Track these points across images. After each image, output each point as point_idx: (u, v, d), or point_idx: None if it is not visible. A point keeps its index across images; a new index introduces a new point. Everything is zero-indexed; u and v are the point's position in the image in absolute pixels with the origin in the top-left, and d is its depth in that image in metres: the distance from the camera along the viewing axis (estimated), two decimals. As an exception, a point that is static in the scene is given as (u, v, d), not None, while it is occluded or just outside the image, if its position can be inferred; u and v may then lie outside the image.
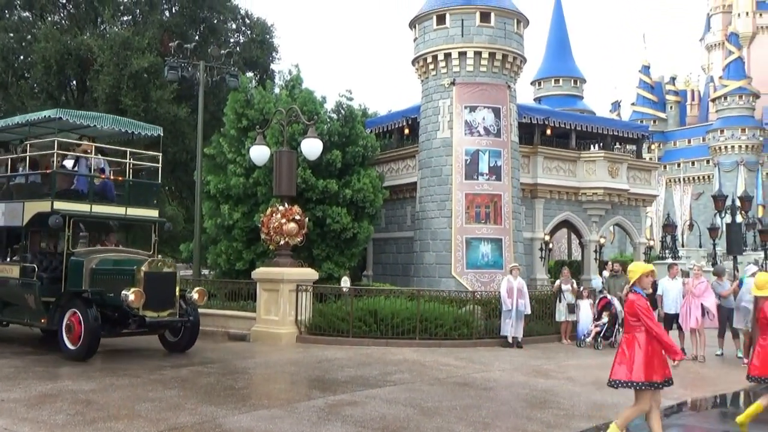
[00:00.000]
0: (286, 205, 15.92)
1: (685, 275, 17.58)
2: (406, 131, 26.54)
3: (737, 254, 27.40)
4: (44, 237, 14.59)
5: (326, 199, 19.79)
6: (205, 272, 23.31)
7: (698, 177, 75.57)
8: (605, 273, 21.28)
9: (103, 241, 14.28)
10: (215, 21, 30.77)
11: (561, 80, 50.95)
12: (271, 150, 16.96)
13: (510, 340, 15.92)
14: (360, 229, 20.45)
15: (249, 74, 27.98)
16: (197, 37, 29.52)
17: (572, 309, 17.19)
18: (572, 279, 18.32)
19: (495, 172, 21.67)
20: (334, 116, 21.69)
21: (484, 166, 21.67)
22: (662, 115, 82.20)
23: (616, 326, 16.71)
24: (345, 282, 17.84)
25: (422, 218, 22.48)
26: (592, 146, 29.69)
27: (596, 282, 20.78)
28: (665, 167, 73.07)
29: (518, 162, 23.19)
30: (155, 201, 15.51)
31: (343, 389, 10.09)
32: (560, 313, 17.31)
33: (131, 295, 11.76)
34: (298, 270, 16.00)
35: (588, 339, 16.62)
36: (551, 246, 27.02)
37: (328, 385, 10.43)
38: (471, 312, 16.46)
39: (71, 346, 12.03)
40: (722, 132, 72.74)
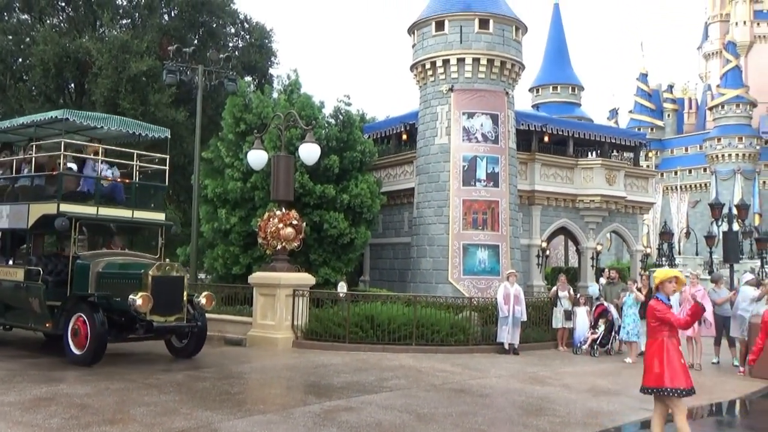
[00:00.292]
0: (284, 210, 15.91)
1: (682, 283, 17.55)
2: (404, 137, 26.55)
3: (734, 262, 27.36)
4: (49, 239, 14.42)
5: (323, 204, 19.79)
6: (202, 276, 23.28)
7: (695, 185, 75.67)
8: (602, 280, 21.26)
9: (109, 244, 14.07)
10: (214, 25, 30.80)
11: (559, 87, 50.97)
12: (269, 154, 16.96)
13: (506, 347, 15.92)
14: (357, 235, 20.43)
15: (247, 79, 27.97)
16: (196, 41, 29.54)
17: (569, 316, 17.20)
18: (569, 286, 18.33)
19: (492, 179, 21.68)
20: (332, 121, 21.70)
21: (482, 173, 21.68)
22: (660, 123, 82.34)
23: (613, 333, 16.74)
24: (341, 287, 17.82)
25: (419, 224, 22.48)
26: (590, 153, 29.73)
27: (593, 289, 20.75)
28: (662, 175, 73.21)
29: (516, 169, 23.21)
30: (162, 204, 15.37)
31: (339, 395, 10.08)
32: (557, 320, 17.31)
33: (139, 300, 11.56)
34: (295, 275, 15.99)
35: (584, 346, 16.63)
36: (548, 253, 27.01)
37: (324, 391, 10.41)
38: (467, 318, 16.46)
39: (77, 351, 11.84)
40: (719, 140, 72.86)
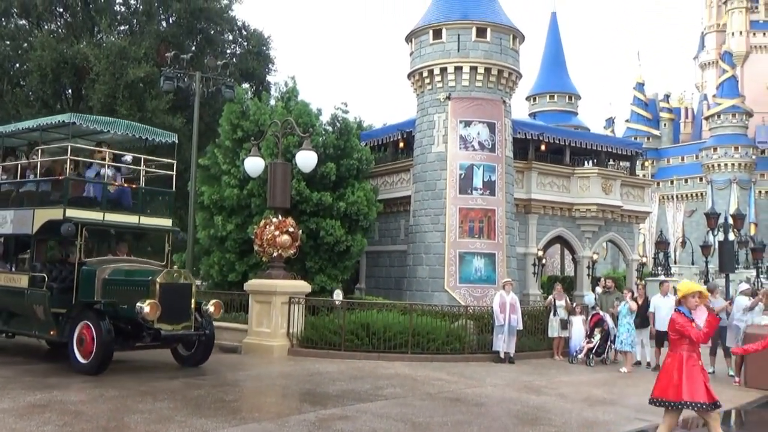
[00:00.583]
0: (280, 217, 15.91)
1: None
2: (401, 145, 26.57)
3: (729, 272, 27.41)
4: (54, 245, 14.16)
5: (320, 212, 19.79)
6: (198, 283, 23.22)
7: (691, 194, 75.84)
8: (598, 289, 21.30)
9: (114, 251, 13.74)
10: (212, 32, 30.83)
11: (556, 96, 51.07)
12: (266, 162, 16.97)
13: (502, 356, 15.91)
14: (353, 242, 20.43)
15: (245, 85, 28.01)
16: (194, 48, 29.55)
17: (565, 325, 17.20)
18: (565, 295, 18.34)
19: (489, 187, 21.71)
20: (330, 129, 21.73)
21: (479, 181, 21.71)
22: (656, 132, 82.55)
23: (608, 343, 16.74)
24: (337, 295, 17.81)
25: (416, 232, 22.48)
26: (586, 162, 29.75)
27: (589, 298, 20.79)
28: (658, 184, 73.34)
29: (512, 177, 23.23)
30: (169, 209, 15.07)
31: (335, 403, 10.05)
32: (552, 329, 17.31)
33: (146, 307, 11.30)
34: (291, 282, 15.97)
35: (580, 355, 16.63)
36: (544, 261, 27.01)
37: (319, 399, 10.39)
38: (463, 327, 16.45)
39: (82, 360, 11.58)
40: (715, 150, 73.08)
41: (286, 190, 16.36)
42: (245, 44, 32.23)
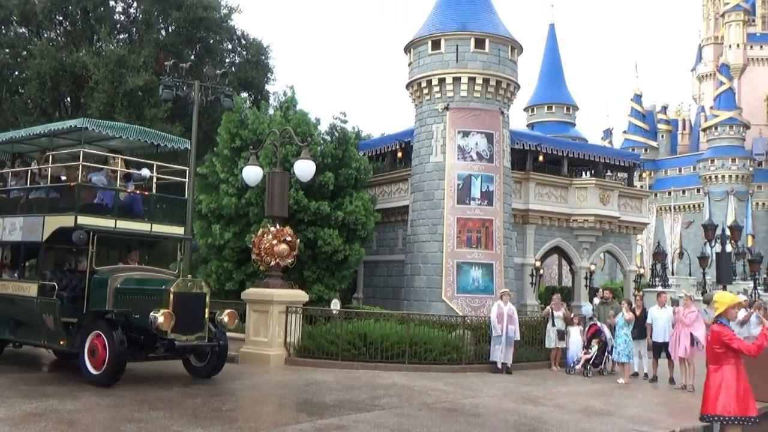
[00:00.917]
0: (278, 226, 15.89)
1: (675, 303, 17.62)
2: (399, 155, 26.60)
3: (727, 283, 27.46)
4: (65, 253, 13.85)
5: (318, 221, 19.79)
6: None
7: (689, 206, 75.93)
8: (595, 300, 21.28)
9: (126, 259, 13.38)
10: (211, 41, 30.94)
11: (554, 107, 51.24)
12: (264, 171, 16.96)
13: (499, 366, 15.87)
14: (351, 252, 20.42)
15: (244, 95, 28.10)
16: (193, 57, 29.64)
17: (562, 336, 17.17)
18: (563, 305, 18.31)
19: (487, 197, 21.73)
20: (328, 138, 21.76)
21: (476, 191, 21.74)
22: (653, 144, 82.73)
23: (606, 354, 16.71)
24: (335, 304, 17.77)
25: (413, 242, 22.48)
26: (584, 173, 29.80)
27: (586, 309, 20.76)
28: (656, 195, 73.40)
29: (510, 187, 23.26)
30: (181, 217, 14.75)
31: (331, 413, 10.02)
32: (550, 340, 17.28)
33: (160, 317, 10.99)
34: (289, 291, 15.93)
35: (578, 366, 16.59)
36: (542, 272, 27.02)
37: (316, 409, 10.35)
38: (461, 337, 16.42)
39: (94, 371, 11.26)
40: (713, 162, 73.24)
41: (284, 199, 16.35)
42: (244, 53, 32.34)
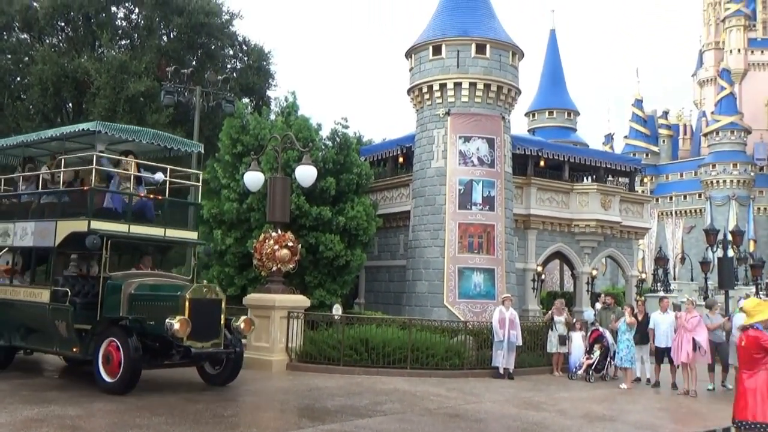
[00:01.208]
0: (279, 232, 15.89)
1: (677, 308, 17.60)
2: (401, 160, 26.63)
3: (729, 288, 27.33)
4: (77, 259, 13.64)
5: (319, 226, 19.78)
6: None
7: (690, 210, 75.90)
8: (597, 305, 21.25)
9: (138, 265, 13.14)
10: (213, 47, 31.01)
11: (555, 112, 51.31)
12: (266, 176, 16.97)
13: (501, 371, 15.84)
14: (353, 257, 20.42)
15: (245, 100, 28.13)
16: (194, 63, 29.73)
17: (563, 341, 17.14)
18: (566, 310, 18.27)
19: (488, 202, 21.74)
20: (329, 143, 21.78)
21: (478, 196, 21.75)
22: (655, 149, 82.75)
23: (608, 359, 16.68)
24: (336, 310, 17.78)
25: (415, 247, 22.48)
26: (585, 178, 29.81)
27: (588, 314, 20.75)
28: (657, 200, 73.36)
29: (511, 193, 23.26)
30: (195, 222, 14.50)
31: (333, 419, 10.00)
32: (551, 345, 17.25)
33: (176, 324, 10.75)
34: (290, 297, 15.92)
35: (580, 371, 16.56)
36: (543, 277, 26.99)
37: (318, 414, 10.33)
38: (462, 342, 16.40)
39: (109, 379, 11.01)
40: (714, 166, 73.22)
41: (286, 205, 16.35)
42: (246, 59, 32.40)
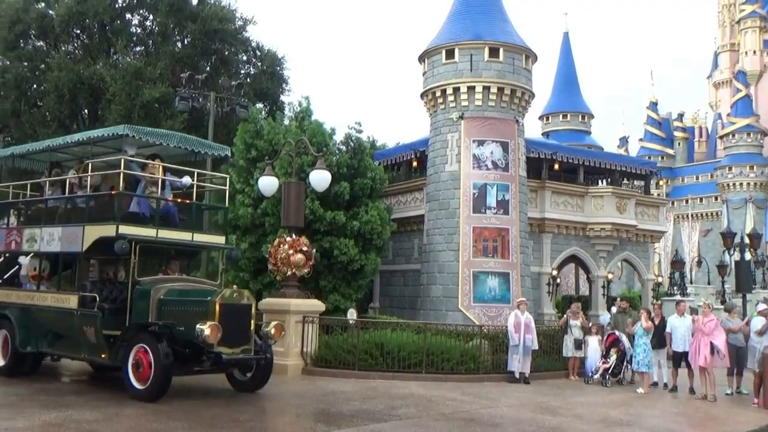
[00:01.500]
0: (294, 236, 15.92)
1: (694, 312, 17.45)
2: (415, 164, 26.61)
3: (746, 292, 27.15)
4: (105, 264, 13.57)
5: (334, 231, 19.79)
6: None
7: (706, 214, 75.37)
8: (613, 309, 21.12)
9: (165, 269, 13.00)
10: (226, 53, 31.10)
11: (569, 115, 51.16)
12: (280, 181, 17.02)
13: (517, 376, 15.79)
14: (367, 261, 20.41)
15: (259, 105, 28.21)
16: (208, 69, 29.83)
17: (579, 345, 17.05)
18: (581, 314, 18.17)
19: (503, 206, 21.67)
20: (343, 148, 21.78)
21: (492, 200, 21.69)
22: (670, 152, 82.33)
23: (625, 363, 16.57)
24: (351, 314, 17.77)
25: (429, 251, 22.44)
26: (600, 181, 29.69)
27: (604, 318, 20.61)
28: (673, 203, 72.97)
29: (526, 196, 23.19)
30: (222, 226, 14.37)
31: (348, 423, 9.99)
32: (567, 349, 17.17)
33: (207, 330, 10.62)
34: (305, 301, 15.95)
35: (596, 376, 16.46)
36: (559, 281, 26.86)
37: (334, 419, 10.33)
38: (478, 346, 16.35)
39: (139, 386, 10.90)
40: (730, 169, 72.75)
41: (300, 210, 16.38)
42: (259, 65, 32.48)
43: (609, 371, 16.38)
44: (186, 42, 30.70)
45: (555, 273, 25.59)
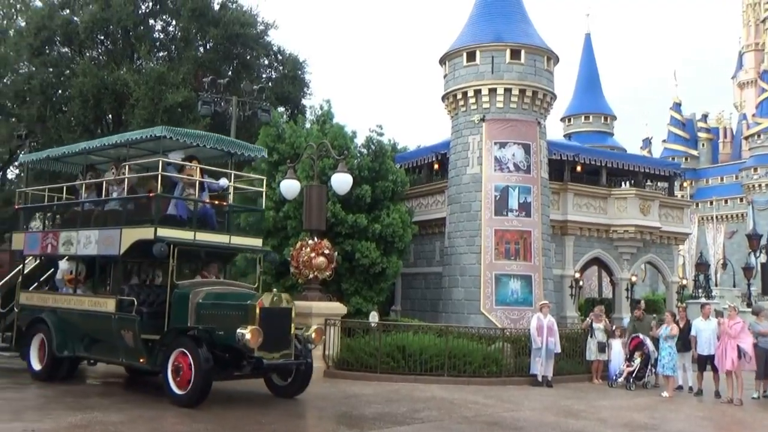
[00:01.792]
0: (316, 239, 15.96)
1: (719, 315, 17.25)
2: (436, 167, 26.58)
3: (772, 294, 26.81)
4: (142, 267, 13.49)
5: (355, 234, 19.81)
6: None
7: (731, 215, 74.52)
8: (630, 314, 20.97)
9: (202, 272, 12.72)
10: (248, 57, 31.29)
11: (591, 117, 50.77)
12: (302, 184, 17.07)
13: (540, 379, 15.71)
14: (389, 264, 20.40)
15: (280, 109, 28.32)
16: (230, 73, 30.05)
17: (603, 348, 16.93)
18: (604, 316, 18.03)
19: (525, 209, 21.57)
20: (365, 151, 21.78)
21: (514, 203, 21.60)
22: (694, 153, 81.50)
23: (649, 367, 16.42)
24: (373, 317, 17.78)
25: (451, 254, 22.39)
26: (623, 183, 29.48)
27: (627, 321, 20.45)
28: (697, 205, 72.22)
29: (548, 198, 23.07)
30: (259, 228, 14.20)
31: (371, 426, 9.99)
32: (590, 352, 17.05)
33: (248, 334, 10.40)
34: (327, 304, 15.98)
35: (620, 379, 16.33)
36: (581, 283, 26.69)
37: (356, 422, 10.34)
38: (500, 349, 16.29)
39: (179, 391, 10.74)
40: (756, 170, 71.85)
41: (322, 213, 16.42)
42: (281, 68, 32.64)
43: (633, 375, 16.25)
44: (208, 47, 30.94)
45: (578, 276, 25.44)
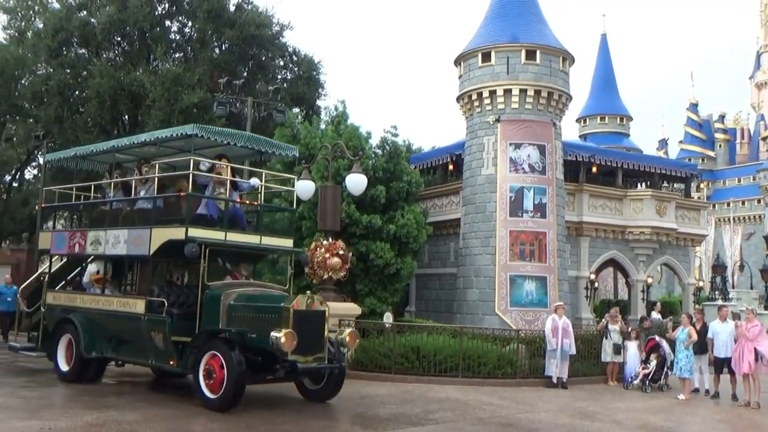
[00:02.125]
0: (330, 240, 16.00)
1: (736, 317, 17.11)
2: (450, 167, 26.56)
3: (791, 297, 26.53)
4: (172, 268, 13.19)
5: (370, 235, 19.83)
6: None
7: (749, 217, 73.82)
8: (653, 314, 20.84)
9: (233, 273, 12.46)
10: (263, 58, 31.38)
11: (607, 118, 50.50)
12: (316, 185, 17.11)
13: (554, 381, 15.66)
14: (403, 265, 20.41)
15: (296, 110, 28.38)
16: (246, 74, 30.14)
17: (618, 350, 16.86)
18: (620, 318, 17.95)
19: (540, 210, 21.51)
20: (379, 152, 21.81)
21: (529, 203, 21.54)
22: (711, 154, 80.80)
23: (665, 369, 16.32)
24: (387, 317, 17.80)
25: (466, 255, 22.36)
26: (639, 184, 29.33)
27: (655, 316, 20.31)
28: (714, 206, 71.55)
29: (563, 199, 22.98)
30: (290, 229, 14.12)
31: (385, 426, 10.00)
32: (606, 354, 16.98)
33: (282, 338, 10.09)
34: (341, 305, 16.00)
35: (636, 381, 16.25)
36: (597, 285, 26.56)
37: (370, 422, 10.34)
38: (515, 351, 16.25)
39: (211, 395, 10.48)
40: (773, 171, 71.15)
41: (337, 213, 16.46)
42: (296, 70, 32.72)
43: (649, 377, 16.15)
44: (224, 48, 31.06)
45: (593, 277, 25.32)
